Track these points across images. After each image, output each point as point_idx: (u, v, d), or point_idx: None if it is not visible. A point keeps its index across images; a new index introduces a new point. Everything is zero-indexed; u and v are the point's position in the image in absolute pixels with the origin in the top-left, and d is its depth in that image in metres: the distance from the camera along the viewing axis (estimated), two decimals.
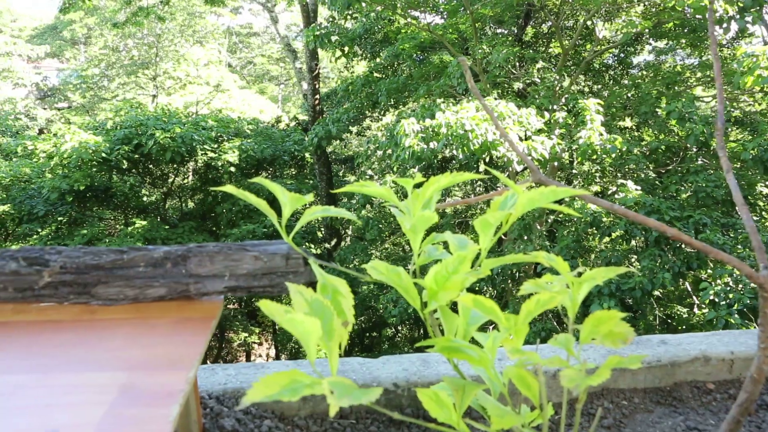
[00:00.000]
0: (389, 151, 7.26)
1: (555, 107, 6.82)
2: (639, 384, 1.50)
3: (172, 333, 0.93)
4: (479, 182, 11.55)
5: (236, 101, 16.24)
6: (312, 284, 1.10)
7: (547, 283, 1.06)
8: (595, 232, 6.58)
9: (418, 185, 1.10)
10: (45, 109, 18.35)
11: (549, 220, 8.31)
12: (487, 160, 6.37)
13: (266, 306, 0.81)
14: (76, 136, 10.18)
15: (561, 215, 7.79)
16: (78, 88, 18.15)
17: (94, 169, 10.54)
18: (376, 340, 14.07)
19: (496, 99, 6.84)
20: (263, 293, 0.99)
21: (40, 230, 11.10)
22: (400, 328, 14.19)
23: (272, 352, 14.73)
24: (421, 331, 13.96)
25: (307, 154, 11.61)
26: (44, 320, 0.98)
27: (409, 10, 10.14)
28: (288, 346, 14.27)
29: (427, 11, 10.78)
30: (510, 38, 9.01)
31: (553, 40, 11.18)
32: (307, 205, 1.04)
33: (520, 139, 6.07)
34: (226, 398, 1.27)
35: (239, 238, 9.65)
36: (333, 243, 12.50)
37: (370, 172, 13.95)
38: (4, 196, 11.48)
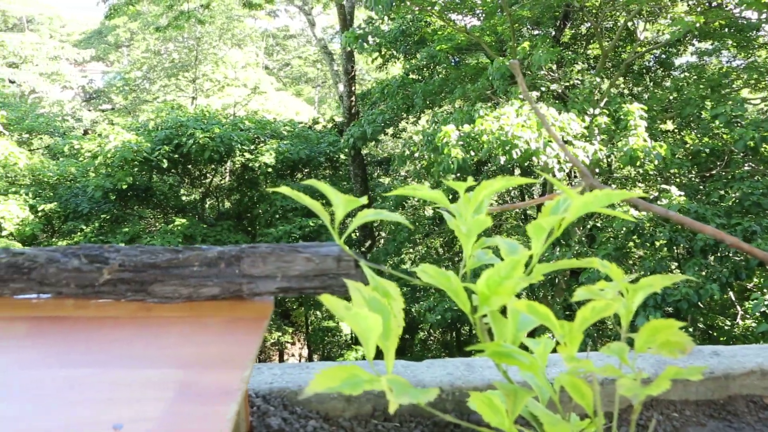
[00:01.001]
0: (426, 156, 7.21)
1: (596, 111, 6.66)
2: (691, 396, 1.45)
3: (226, 332, 0.95)
4: (513, 188, 11.41)
5: (273, 103, 16.46)
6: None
7: (601, 289, 1.04)
8: (637, 239, 6.40)
9: (470, 189, 1.10)
10: (90, 110, 18.97)
11: (587, 225, 8.14)
12: (525, 165, 6.28)
13: (328, 300, 0.82)
14: (119, 137, 10.48)
15: (601, 221, 7.63)
16: (121, 91, 18.71)
17: (136, 169, 10.82)
18: (409, 342, 14.05)
19: (536, 102, 6.73)
20: (314, 294, 1.00)
21: (84, 227, 11.45)
22: (432, 331, 14.13)
23: (305, 352, 14.85)
24: (454, 335, 13.87)
25: (342, 156, 11.68)
26: (103, 316, 1.00)
27: (446, 12, 10.11)
28: (320, 347, 14.38)
29: (464, 13, 10.72)
30: (548, 39, 8.87)
31: (591, 41, 10.98)
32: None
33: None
34: (272, 397, 1.29)
35: (276, 238, 9.77)
36: (367, 244, 12.54)
37: (404, 173, 13.94)
38: (51, 194, 11.89)
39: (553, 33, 10.44)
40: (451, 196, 1.07)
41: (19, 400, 0.77)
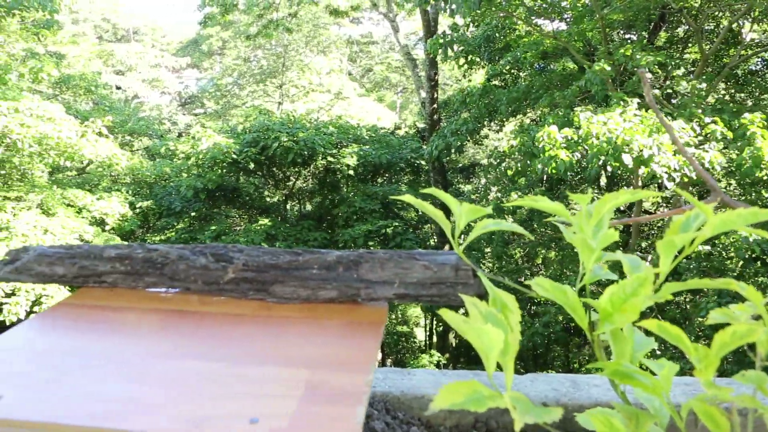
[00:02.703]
0: (520, 162, 6.99)
1: (708, 119, 6.19)
2: None
3: (345, 335, 0.96)
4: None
5: (355, 108, 16.78)
6: (479, 296, 1.09)
7: (735, 312, 0.97)
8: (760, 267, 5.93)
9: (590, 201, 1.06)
10: (185, 114, 20.16)
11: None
12: (615, 176, 5.97)
13: (446, 314, 0.81)
14: (210, 139, 11.02)
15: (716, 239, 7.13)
16: (213, 96, 19.73)
17: (225, 170, 11.33)
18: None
19: (637, 110, 6.30)
20: (430, 302, 1.00)
21: (176, 224, 12.11)
22: None
23: (378, 356, 14.95)
24: (530, 347, 13.50)
25: (423, 162, 11.70)
26: (227, 313, 1.05)
27: (532, 17, 9.89)
28: (394, 351, 14.42)
29: (550, 18, 10.45)
30: (643, 42, 8.46)
31: (689, 44, 10.38)
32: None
33: (674, 153, 5.53)
34: (376, 401, 1.30)
35: (354, 237, 9.94)
36: (446, 248, 12.46)
37: (483, 181, 13.76)
38: (148, 192, 12.68)
39: (647, 36, 9.96)
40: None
41: (163, 387, 0.82)
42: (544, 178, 10.37)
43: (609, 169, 5.60)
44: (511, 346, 0.91)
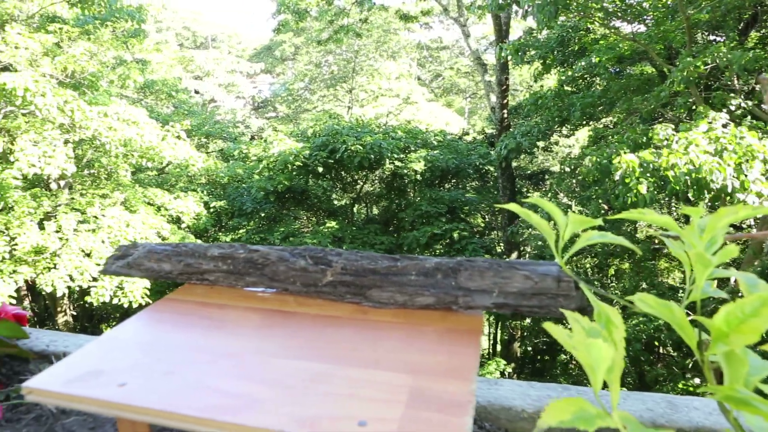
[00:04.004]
0: (592, 176, 6.69)
1: None
2: None
3: (443, 342, 0.96)
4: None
5: (424, 113, 16.80)
6: (580, 309, 1.06)
7: None
8: None
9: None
10: (257, 118, 20.87)
11: None
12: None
13: (552, 329, 0.80)
14: (281, 143, 11.33)
15: None
16: (285, 100, 20.30)
17: (295, 173, 11.61)
18: (549, 364, 13.47)
19: (727, 123, 5.77)
20: (529, 313, 0.98)
21: (246, 224, 12.52)
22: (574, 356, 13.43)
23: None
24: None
25: (491, 168, 11.54)
26: (324, 314, 1.07)
27: (609, 19, 9.55)
28: None
29: (629, 20, 10.06)
30: (732, 44, 7.97)
31: None
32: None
33: None
34: None
35: (417, 237, 9.93)
36: (514, 256, 12.24)
37: (554, 188, 13.41)
38: (222, 193, 13.18)
39: (737, 37, 9.40)
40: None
41: (271, 385, 0.84)
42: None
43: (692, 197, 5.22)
44: (618, 362, 0.88)
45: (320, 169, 11.16)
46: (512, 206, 0.95)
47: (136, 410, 0.81)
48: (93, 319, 13.22)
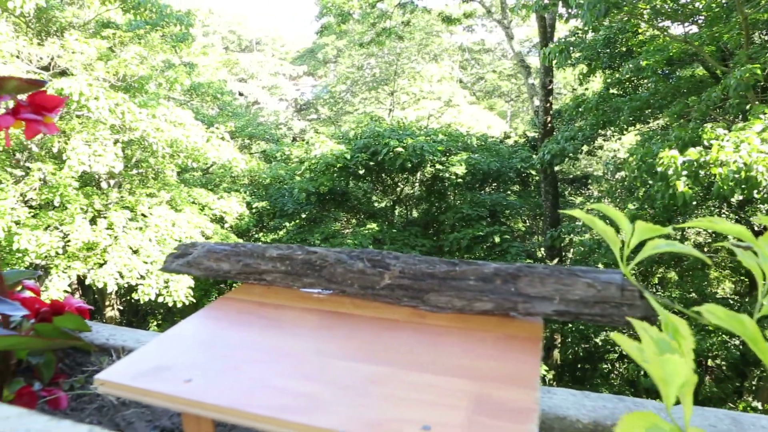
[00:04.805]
0: (638, 180, 6.50)
1: None
2: None
3: (503, 348, 0.95)
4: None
5: (465, 116, 16.72)
6: (644, 319, 1.04)
7: None
8: None
9: None
10: (299, 120, 21.18)
11: None
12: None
13: (621, 339, 0.78)
14: (323, 145, 11.45)
15: None
16: (327, 103, 20.53)
17: (336, 174, 11.71)
18: (589, 373, 13.18)
19: None
20: (590, 321, 0.96)
21: (287, 224, 12.68)
22: (617, 365, 13.10)
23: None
24: (641, 372, 12.65)
25: (533, 172, 11.39)
26: (381, 317, 1.08)
27: (659, 19, 9.28)
28: None
29: (680, 20, 9.75)
30: None
31: None
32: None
33: None
34: None
35: (458, 239, 9.87)
36: (555, 262, 12.05)
37: (597, 193, 13.14)
38: (264, 193, 13.39)
39: None
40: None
41: (333, 386, 0.85)
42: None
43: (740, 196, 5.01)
44: (691, 377, 0.86)
45: (361, 171, 11.22)
46: (577, 212, 0.93)
47: (203, 406, 0.83)
48: (138, 314, 13.64)
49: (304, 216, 12.51)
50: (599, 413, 1.30)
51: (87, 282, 9.01)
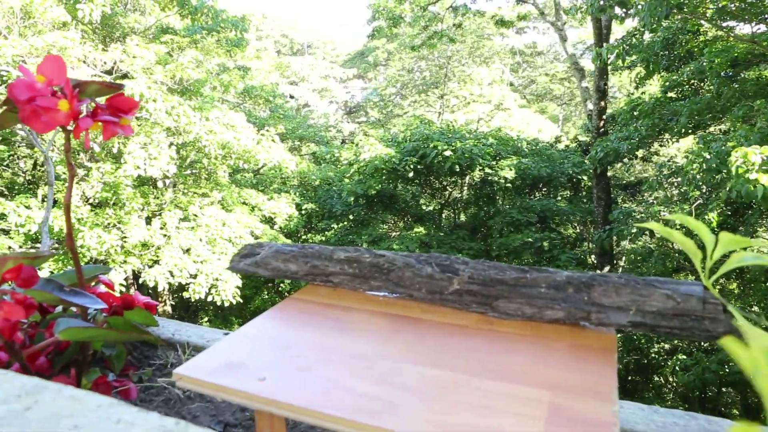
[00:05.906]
0: (701, 180, 6.25)
1: None
2: None
3: (575, 359, 0.93)
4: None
5: (516, 120, 16.50)
6: (727, 334, 1.00)
7: None
8: None
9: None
10: (349, 122, 21.40)
11: None
12: None
13: (733, 347, 0.75)
14: (372, 148, 11.51)
15: None
16: (376, 105, 20.65)
17: (384, 177, 11.75)
18: (640, 385, 12.75)
19: None
20: (669, 334, 0.93)
21: (335, 226, 12.80)
22: (671, 379, 12.63)
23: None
24: (697, 392, 12.16)
25: (585, 177, 11.13)
26: (449, 323, 1.08)
27: (722, 19, 8.91)
28: None
29: (746, 19, 9.33)
30: None
31: None
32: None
33: None
34: None
35: (506, 244, 9.74)
36: (606, 270, 11.72)
37: (651, 199, 12.69)
38: (313, 195, 13.57)
39: None
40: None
41: (407, 391, 0.86)
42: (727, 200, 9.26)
43: None
44: None
45: (410, 174, 11.23)
46: (653, 225, 0.91)
47: (278, 405, 0.85)
48: (189, 309, 14.06)
49: (351, 218, 12.60)
50: (669, 430, 1.26)
51: (140, 280, 9.36)
